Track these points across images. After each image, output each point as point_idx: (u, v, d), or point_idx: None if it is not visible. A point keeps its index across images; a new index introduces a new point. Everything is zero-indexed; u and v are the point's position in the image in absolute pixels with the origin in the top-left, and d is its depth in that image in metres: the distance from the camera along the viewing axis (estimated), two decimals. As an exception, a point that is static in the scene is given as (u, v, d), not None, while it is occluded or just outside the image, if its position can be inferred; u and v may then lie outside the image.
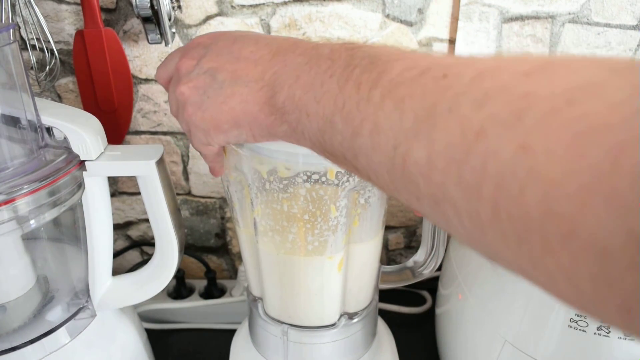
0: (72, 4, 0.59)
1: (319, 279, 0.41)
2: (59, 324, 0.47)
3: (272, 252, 0.41)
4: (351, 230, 0.40)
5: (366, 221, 0.41)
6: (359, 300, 0.46)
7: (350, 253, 0.42)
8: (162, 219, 0.47)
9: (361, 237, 0.41)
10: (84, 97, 0.60)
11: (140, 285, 0.50)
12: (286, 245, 0.40)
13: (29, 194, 0.39)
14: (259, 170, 0.37)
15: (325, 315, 0.44)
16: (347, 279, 0.43)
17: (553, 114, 0.15)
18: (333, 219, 0.37)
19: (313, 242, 0.39)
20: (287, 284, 0.43)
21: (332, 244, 0.39)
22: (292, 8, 0.58)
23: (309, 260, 0.40)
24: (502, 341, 0.46)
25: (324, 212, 0.37)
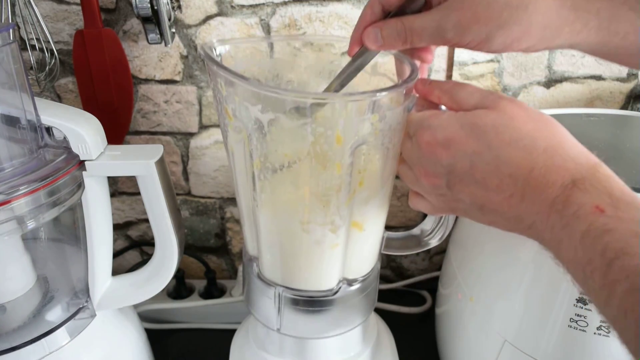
0: (72, 4, 0.59)
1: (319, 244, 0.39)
2: (59, 324, 0.47)
3: (270, 214, 0.40)
4: (355, 190, 0.38)
5: (372, 181, 0.38)
6: (360, 266, 0.44)
7: (353, 217, 0.39)
8: (162, 219, 0.47)
9: (365, 200, 0.39)
10: (84, 97, 0.60)
11: (140, 285, 0.50)
12: (286, 207, 0.39)
13: (28, 194, 0.39)
14: (260, 119, 0.34)
15: (323, 280, 0.42)
16: (348, 243, 0.41)
17: None
18: (337, 177, 0.36)
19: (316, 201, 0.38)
20: (285, 246, 0.41)
21: (334, 204, 0.37)
22: (292, 8, 0.58)
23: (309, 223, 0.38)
24: (502, 341, 0.46)
25: (327, 168, 0.35)
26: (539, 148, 0.28)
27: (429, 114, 0.33)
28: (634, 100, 0.63)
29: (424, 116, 0.33)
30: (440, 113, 0.33)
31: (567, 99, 0.64)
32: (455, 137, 0.31)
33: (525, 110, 0.30)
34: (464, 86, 0.33)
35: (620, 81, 0.62)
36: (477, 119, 0.30)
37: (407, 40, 0.33)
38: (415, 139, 0.33)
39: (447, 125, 0.31)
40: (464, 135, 0.30)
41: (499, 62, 0.62)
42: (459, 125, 0.31)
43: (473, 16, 0.30)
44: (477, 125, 0.30)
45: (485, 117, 0.30)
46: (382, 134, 0.35)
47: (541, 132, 0.29)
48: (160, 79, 0.63)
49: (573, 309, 0.40)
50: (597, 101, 0.64)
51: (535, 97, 0.63)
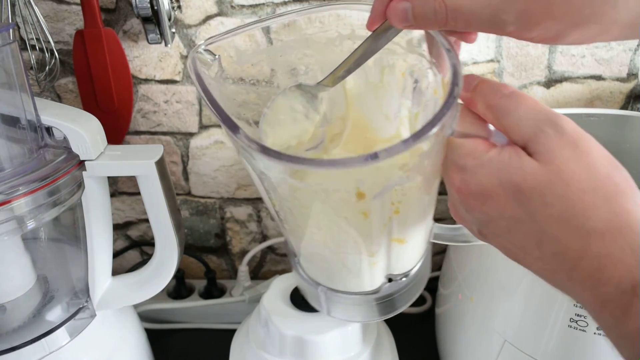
0: (72, 4, 0.59)
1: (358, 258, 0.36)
2: (59, 324, 0.47)
3: (297, 239, 0.38)
4: (391, 218, 0.33)
5: (409, 207, 0.33)
6: (406, 266, 0.40)
7: (392, 236, 0.36)
8: (162, 219, 0.47)
9: (404, 221, 0.35)
10: (84, 97, 0.60)
11: (140, 285, 0.50)
12: (312, 241, 0.36)
13: (28, 194, 0.39)
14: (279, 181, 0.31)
15: (365, 286, 0.39)
16: (390, 255, 0.37)
17: None
18: (363, 223, 0.32)
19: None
20: (321, 263, 0.38)
21: (366, 240, 0.34)
22: (291, 8, 0.58)
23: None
24: (502, 341, 0.46)
25: (350, 220, 0.32)
26: (594, 232, 0.23)
27: (467, 149, 0.26)
28: (634, 100, 0.63)
29: (460, 151, 0.27)
30: (479, 153, 0.26)
31: (567, 99, 0.64)
32: (492, 194, 0.25)
33: (588, 168, 0.24)
34: (516, 105, 0.26)
35: (620, 81, 0.62)
36: (521, 181, 0.24)
37: (447, 24, 0.26)
38: (447, 175, 0.28)
39: (484, 175, 0.25)
40: (503, 195, 0.25)
41: (499, 62, 0.62)
42: (498, 181, 0.25)
43: (546, 10, 0.24)
44: (520, 189, 0.24)
45: (533, 179, 0.24)
46: (416, 170, 0.29)
47: (601, 209, 0.23)
48: (160, 79, 0.63)
49: (573, 309, 0.40)
50: (597, 101, 0.64)
51: (535, 97, 0.63)
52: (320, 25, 0.38)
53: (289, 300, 0.51)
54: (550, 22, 0.24)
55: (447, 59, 0.28)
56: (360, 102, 0.37)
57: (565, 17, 0.24)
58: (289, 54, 0.38)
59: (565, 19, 0.24)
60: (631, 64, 0.61)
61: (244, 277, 0.71)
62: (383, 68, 0.31)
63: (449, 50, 0.28)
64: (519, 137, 0.25)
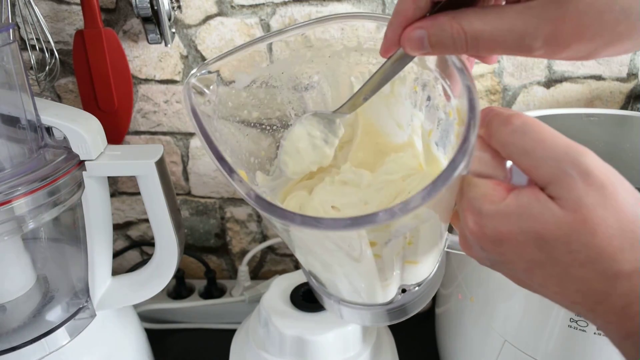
0: (72, 4, 0.59)
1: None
2: (59, 324, 0.47)
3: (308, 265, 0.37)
4: (404, 247, 0.33)
5: (422, 240, 0.33)
6: (420, 278, 0.39)
7: (406, 259, 0.35)
8: (162, 219, 0.47)
9: (416, 249, 0.34)
10: (84, 97, 0.60)
11: (140, 285, 0.50)
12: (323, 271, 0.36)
13: (28, 194, 0.39)
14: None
15: (378, 299, 0.38)
16: (404, 274, 0.37)
17: None
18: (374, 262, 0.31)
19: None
20: (333, 282, 0.38)
21: (378, 274, 0.34)
22: (291, 8, 0.58)
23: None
24: (502, 341, 0.46)
25: (361, 261, 0.31)
26: (621, 273, 0.22)
27: (483, 192, 0.25)
28: (634, 100, 0.63)
29: (476, 193, 0.25)
30: (497, 197, 0.24)
31: (567, 99, 0.64)
32: (511, 239, 0.24)
33: (616, 212, 0.22)
34: (532, 144, 0.23)
35: (620, 81, 0.62)
36: (544, 229, 0.23)
37: (467, 50, 0.24)
38: (461, 213, 0.26)
39: (501, 221, 0.24)
40: (523, 240, 0.23)
41: (499, 62, 0.62)
42: (517, 229, 0.23)
43: (576, 32, 0.22)
44: (543, 236, 0.23)
45: (557, 228, 0.22)
46: (429, 215, 0.28)
47: (629, 251, 0.22)
48: (160, 79, 0.63)
49: (573, 309, 0.40)
50: (597, 101, 0.64)
51: (535, 97, 0.63)
52: (324, 39, 0.36)
53: (289, 300, 0.51)
54: (581, 44, 0.22)
55: (462, 87, 0.27)
56: (370, 110, 0.37)
57: (597, 38, 0.22)
58: (292, 69, 0.37)
59: (597, 39, 0.22)
60: (631, 64, 0.61)
61: (244, 277, 0.71)
62: (393, 81, 0.31)
63: (461, 71, 0.27)
64: (539, 178, 0.23)
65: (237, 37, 0.60)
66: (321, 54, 0.37)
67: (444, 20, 0.24)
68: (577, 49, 0.22)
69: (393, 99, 0.36)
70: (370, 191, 0.34)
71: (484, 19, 0.23)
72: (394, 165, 0.35)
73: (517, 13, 0.22)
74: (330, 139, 0.35)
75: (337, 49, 0.36)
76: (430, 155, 0.35)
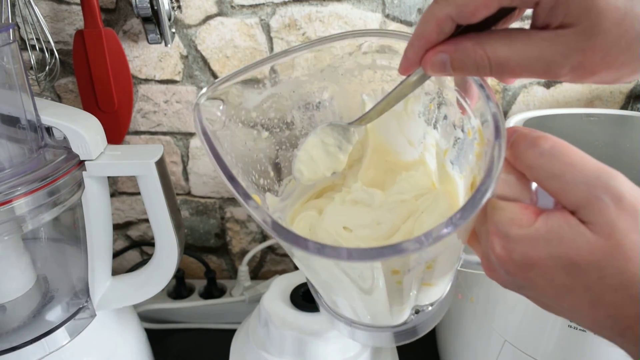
0: (72, 4, 0.59)
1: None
2: (59, 324, 0.47)
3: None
4: (423, 271, 0.32)
5: (442, 263, 0.32)
6: (434, 298, 0.39)
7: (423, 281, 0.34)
8: (162, 219, 0.47)
9: (433, 272, 0.33)
10: (84, 97, 0.60)
11: (140, 285, 0.50)
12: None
13: (28, 194, 0.39)
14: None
15: (392, 322, 0.38)
16: (419, 295, 0.35)
17: None
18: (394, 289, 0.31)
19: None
20: (349, 307, 0.36)
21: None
22: (292, 8, 0.58)
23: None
24: (502, 341, 0.46)
25: (373, 294, 0.30)
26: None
27: (510, 215, 0.24)
28: (634, 100, 0.63)
29: (502, 217, 0.24)
30: (525, 222, 0.23)
31: (567, 99, 0.64)
32: (541, 264, 0.23)
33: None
34: (561, 168, 0.23)
35: (620, 81, 0.62)
36: (576, 255, 0.22)
37: (491, 74, 0.24)
38: (486, 239, 0.25)
39: (530, 246, 0.23)
40: (553, 266, 0.23)
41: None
42: (547, 254, 0.22)
43: (605, 61, 0.22)
44: (574, 262, 0.22)
45: (589, 254, 0.22)
46: (452, 242, 0.27)
47: None
48: (160, 79, 0.63)
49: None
50: (597, 101, 0.64)
51: (535, 97, 0.63)
52: (338, 56, 0.35)
53: (289, 300, 0.51)
54: (608, 73, 0.23)
55: (485, 107, 0.26)
56: (380, 127, 0.36)
57: (624, 67, 0.22)
58: (303, 88, 0.36)
59: (624, 68, 0.22)
60: (631, 64, 0.61)
61: (244, 277, 0.71)
62: (408, 98, 0.30)
63: (483, 89, 0.26)
64: (569, 202, 0.22)
65: (237, 37, 0.60)
66: (334, 72, 0.36)
67: (467, 45, 0.24)
68: (603, 76, 0.23)
69: (405, 116, 0.36)
70: (382, 211, 0.33)
71: (510, 45, 0.23)
72: (406, 185, 0.34)
73: (545, 41, 0.22)
74: (344, 145, 0.35)
75: (350, 67, 0.36)
76: (444, 174, 0.34)
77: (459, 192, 0.33)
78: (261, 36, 0.60)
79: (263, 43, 0.60)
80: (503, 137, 0.24)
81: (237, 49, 0.61)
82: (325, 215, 0.34)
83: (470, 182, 0.29)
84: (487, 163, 0.23)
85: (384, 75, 0.36)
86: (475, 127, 0.28)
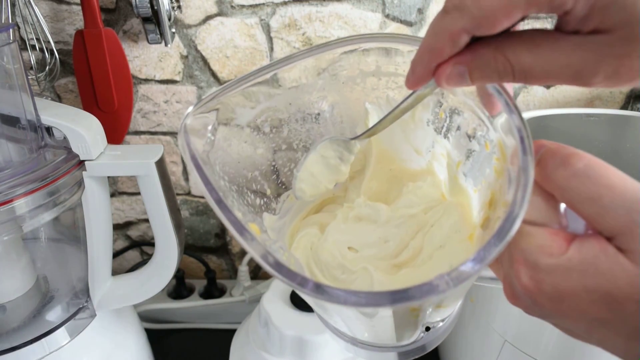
0: (72, 4, 0.59)
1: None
2: (59, 324, 0.47)
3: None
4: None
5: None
6: (444, 314, 0.37)
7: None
8: (162, 219, 0.47)
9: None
10: (84, 97, 0.60)
11: (140, 285, 0.50)
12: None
13: (28, 194, 0.39)
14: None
15: (402, 342, 0.36)
16: (430, 316, 0.34)
17: None
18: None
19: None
20: (353, 329, 0.34)
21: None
22: (292, 8, 0.58)
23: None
24: (502, 341, 0.46)
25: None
26: None
27: (539, 243, 0.22)
28: (634, 100, 0.63)
29: (530, 244, 0.22)
30: (556, 250, 0.21)
31: (567, 99, 0.64)
32: (572, 297, 0.21)
33: None
34: (598, 190, 0.20)
35: (620, 81, 0.62)
36: (614, 287, 0.20)
37: (513, 81, 0.22)
38: (510, 266, 0.23)
39: (563, 277, 0.21)
40: (587, 299, 0.21)
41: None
42: (581, 286, 0.21)
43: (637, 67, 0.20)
44: (611, 294, 0.20)
45: (629, 286, 0.20)
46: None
47: None
48: (160, 79, 0.63)
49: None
50: (597, 101, 0.64)
51: (535, 97, 0.63)
52: (338, 64, 0.32)
53: (289, 300, 0.51)
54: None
55: (509, 122, 0.23)
56: (384, 134, 0.34)
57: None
58: (300, 99, 0.34)
59: None
60: (631, 64, 0.61)
61: (244, 277, 0.71)
62: (416, 107, 0.29)
63: (506, 104, 0.24)
64: (605, 228, 0.20)
65: (237, 37, 0.60)
66: (334, 80, 0.33)
67: (486, 52, 0.22)
68: (635, 83, 0.21)
69: (412, 124, 0.34)
70: (389, 227, 0.31)
71: (535, 51, 0.21)
72: (414, 197, 0.32)
73: (574, 46, 0.20)
74: (345, 156, 0.34)
75: (352, 74, 0.33)
76: (456, 185, 0.32)
77: (472, 205, 0.31)
78: (261, 36, 0.60)
79: (263, 43, 0.60)
80: (531, 156, 0.21)
81: (237, 49, 0.61)
82: (327, 235, 0.32)
83: (489, 199, 0.27)
84: (514, 186, 0.21)
85: (389, 83, 0.34)
86: (495, 140, 0.26)
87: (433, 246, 0.30)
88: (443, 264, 0.29)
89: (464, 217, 0.30)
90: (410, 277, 0.28)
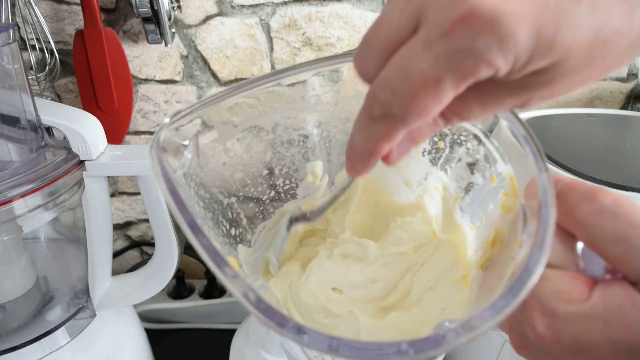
0: (72, 4, 0.59)
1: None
2: (59, 324, 0.47)
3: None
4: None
5: None
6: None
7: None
8: (162, 219, 0.47)
9: None
10: (84, 97, 0.60)
11: (140, 285, 0.50)
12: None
13: (28, 194, 0.39)
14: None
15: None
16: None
17: None
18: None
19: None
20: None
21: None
22: (292, 8, 0.58)
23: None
24: (502, 341, 0.46)
25: None
26: None
27: (557, 288, 0.19)
28: (634, 100, 0.63)
29: (547, 289, 0.20)
30: (576, 297, 0.19)
31: (567, 99, 0.64)
32: (595, 348, 0.19)
33: None
34: (626, 230, 0.18)
35: (620, 81, 0.62)
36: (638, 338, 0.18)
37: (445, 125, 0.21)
38: (521, 312, 0.21)
39: (584, 327, 0.19)
40: (610, 352, 0.19)
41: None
42: (604, 337, 0.18)
43: (572, 88, 0.19)
44: (637, 347, 0.18)
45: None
46: None
47: None
48: (160, 79, 0.63)
49: None
50: (597, 101, 0.64)
51: (535, 97, 0.63)
52: (332, 82, 0.29)
53: (289, 300, 0.51)
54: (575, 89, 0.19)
55: (521, 146, 0.21)
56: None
57: (591, 78, 0.19)
58: (287, 121, 0.31)
59: (591, 79, 0.19)
60: (631, 64, 0.61)
61: (244, 277, 0.71)
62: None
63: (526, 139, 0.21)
64: (630, 271, 0.19)
65: (237, 37, 0.60)
66: (325, 100, 0.30)
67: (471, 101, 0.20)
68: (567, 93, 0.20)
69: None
70: (377, 266, 0.29)
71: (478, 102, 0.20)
72: (403, 233, 0.30)
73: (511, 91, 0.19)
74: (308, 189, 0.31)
75: (346, 95, 0.30)
76: (450, 222, 0.30)
77: (466, 244, 0.29)
78: (261, 36, 0.60)
79: (263, 43, 0.60)
80: (551, 194, 0.19)
81: (237, 49, 0.61)
82: (309, 274, 0.29)
83: (492, 237, 0.25)
84: (535, 227, 0.19)
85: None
86: (504, 173, 0.24)
87: (423, 287, 0.28)
88: (433, 307, 0.27)
89: (457, 256, 0.28)
90: (398, 322, 0.26)
